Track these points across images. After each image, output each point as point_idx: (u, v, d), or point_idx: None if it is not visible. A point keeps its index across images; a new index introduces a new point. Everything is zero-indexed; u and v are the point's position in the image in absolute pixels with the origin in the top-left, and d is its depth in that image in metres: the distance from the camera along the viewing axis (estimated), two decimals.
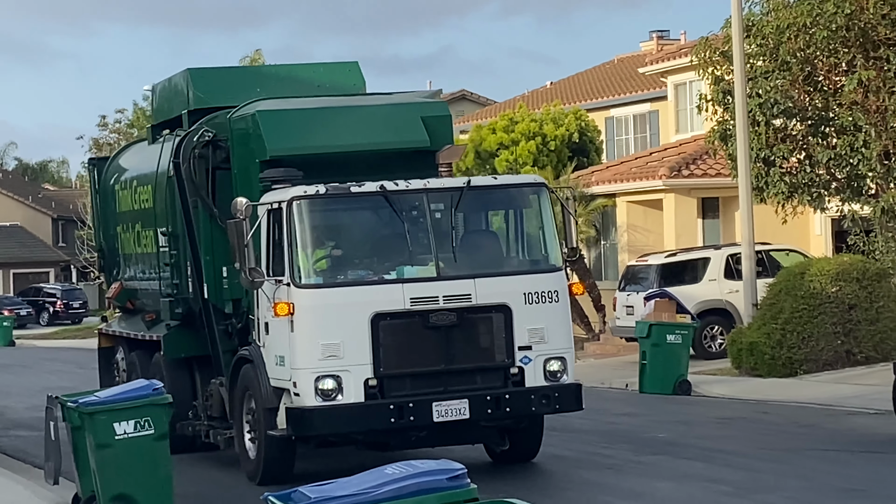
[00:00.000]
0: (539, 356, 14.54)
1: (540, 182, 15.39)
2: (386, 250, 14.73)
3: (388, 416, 14.05)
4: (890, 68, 26.25)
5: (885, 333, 25.28)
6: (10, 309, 62.50)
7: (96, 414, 12.70)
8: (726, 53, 27.51)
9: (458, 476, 7.13)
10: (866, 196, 27.28)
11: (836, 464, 15.25)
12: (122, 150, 21.24)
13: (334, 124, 15.77)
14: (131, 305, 19.66)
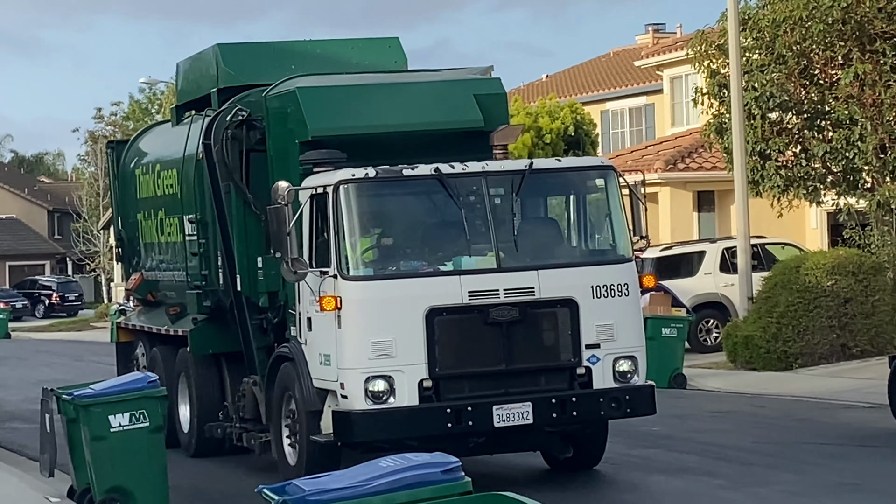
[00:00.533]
0: (608, 355, 13.27)
1: (608, 165, 14.08)
2: (441, 239, 13.48)
3: (445, 421, 12.77)
4: (886, 62, 26.15)
5: (881, 327, 25.18)
6: (6, 301, 62.45)
7: (91, 406, 12.63)
8: (722, 47, 27.19)
9: (452, 469, 7.09)
10: (862, 190, 27.12)
11: (830, 458, 15.06)
12: (142, 133, 19.78)
13: (380, 103, 14.49)
14: (152, 298, 18.35)
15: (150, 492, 12.79)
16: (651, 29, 49.81)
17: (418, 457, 7.35)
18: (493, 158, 13.91)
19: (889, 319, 25.32)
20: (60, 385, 13.97)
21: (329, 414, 13.14)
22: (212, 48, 16.40)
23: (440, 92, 14.64)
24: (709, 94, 28.34)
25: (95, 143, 70.02)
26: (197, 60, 17.07)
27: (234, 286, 15.08)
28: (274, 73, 15.30)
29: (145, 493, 12.76)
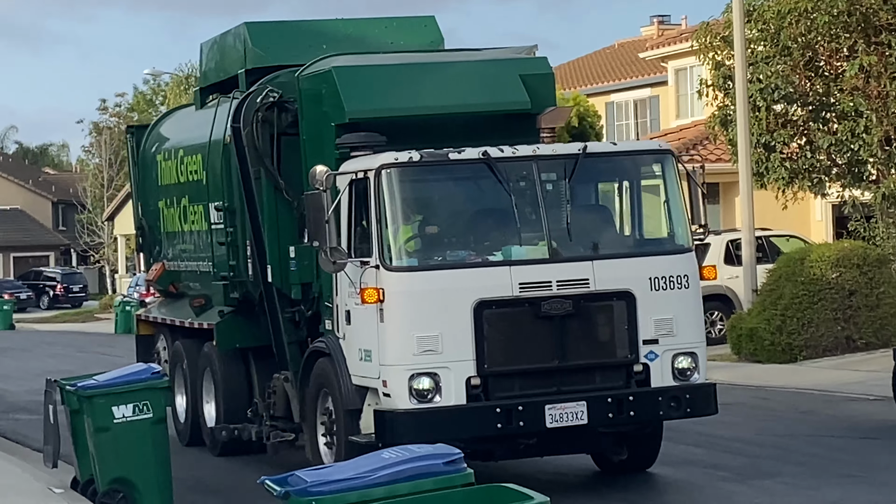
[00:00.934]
0: (667, 351, 12.36)
1: (666, 149, 13.14)
2: (489, 227, 12.53)
3: (495, 422, 11.85)
4: (891, 54, 25.94)
5: (886, 319, 25.00)
6: (11, 293, 62.36)
7: (95, 398, 12.51)
8: (727, 38, 26.78)
9: (455, 460, 7.08)
10: (867, 182, 26.90)
11: (834, 450, 14.89)
12: (164, 117, 18.79)
13: (421, 83, 13.54)
14: (174, 289, 17.39)
15: (154, 483, 12.65)
16: (656, 20, 49.64)
17: (420, 448, 7.34)
18: (539, 142, 13.06)
19: (894, 312, 25.19)
20: (64, 376, 13.88)
21: (369, 413, 12.30)
22: (239, 27, 15.52)
23: (484, 72, 13.74)
24: (713, 85, 28.15)
25: (100, 134, 69.99)
26: (222, 41, 16.10)
27: (263, 277, 14.26)
28: (305, 54, 14.46)
29: (149, 484, 12.62)
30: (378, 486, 6.86)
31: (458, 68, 13.80)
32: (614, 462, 13.53)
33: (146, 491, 12.66)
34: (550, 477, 13.92)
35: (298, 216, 13.70)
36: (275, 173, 13.99)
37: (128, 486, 12.62)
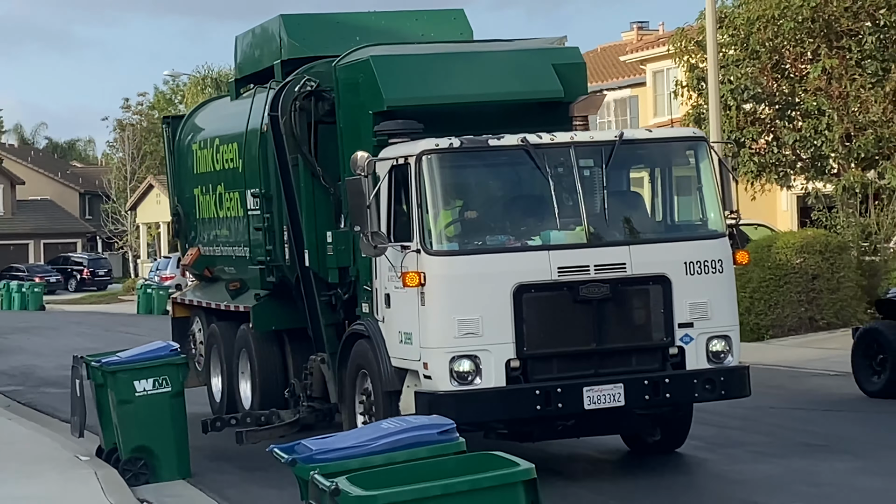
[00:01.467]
0: (701, 334, 11.62)
1: (700, 136, 12.34)
2: (528, 212, 11.80)
3: (534, 403, 11.13)
4: (852, 57, 26.12)
5: (846, 301, 24.96)
6: (41, 276, 62.20)
7: (118, 373, 12.57)
8: (700, 43, 26.69)
9: (448, 430, 6.97)
10: (829, 175, 27.01)
11: (799, 421, 14.71)
12: (198, 108, 17.91)
13: (457, 72, 12.80)
14: (209, 273, 16.62)
15: (172, 450, 12.68)
16: (636, 26, 49.37)
17: (417, 419, 7.27)
18: (572, 129, 12.31)
19: (853, 294, 25.10)
20: (90, 353, 13.84)
21: (409, 394, 11.56)
22: (274, 20, 14.75)
23: (518, 61, 12.95)
24: (688, 86, 28.10)
25: (123, 130, 69.72)
26: (258, 33, 15.33)
27: (300, 262, 13.51)
28: (339, 45, 13.74)
29: (168, 452, 12.66)
30: (377, 454, 6.78)
31: (492, 58, 13.07)
32: (648, 443, 12.87)
33: (165, 458, 12.67)
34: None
35: (335, 202, 13.13)
36: (312, 160, 13.32)
37: (148, 454, 12.64)
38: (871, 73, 26.02)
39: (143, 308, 45.02)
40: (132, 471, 12.55)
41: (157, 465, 12.66)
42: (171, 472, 12.69)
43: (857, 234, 26.32)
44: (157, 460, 12.65)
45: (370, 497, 6.00)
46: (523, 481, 6.19)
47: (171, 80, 73.67)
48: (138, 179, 65.99)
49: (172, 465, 12.71)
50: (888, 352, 16.58)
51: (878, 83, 26.06)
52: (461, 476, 6.21)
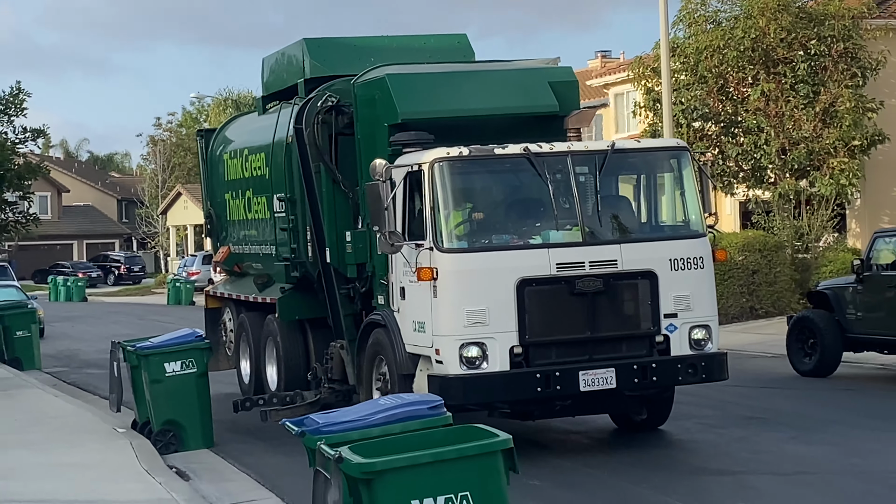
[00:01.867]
0: (684, 324, 11.30)
1: (683, 146, 12.00)
2: (529, 214, 11.48)
3: (535, 386, 10.83)
4: (786, 81, 26.08)
5: (781, 293, 24.99)
6: (84, 272, 61.62)
7: (151, 356, 12.51)
8: (656, 69, 26.56)
9: (437, 406, 6.96)
10: (767, 184, 26.88)
11: (741, 397, 14.46)
12: (228, 123, 17.49)
13: (464, 88, 12.53)
14: (238, 269, 16.25)
15: (198, 424, 12.60)
16: (600, 55, 48.89)
17: (409, 396, 7.30)
18: (567, 140, 11.97)
19: (787, 287, 25.10)
20: (126, 339, 13.77)
21: (422, 377, 11.22)
22: (298, 43, 14.37)
23: (518, 79, 12.64)
24: (645, 107, 27.93)
25: (155, 145, 69.20)
26: (282, 55, 14.95)
27: (322, 258, 13.13)
28: (356, 65, 13.40)
29: (194, 425, 12.58)
30: (375, 427, 6.79)
31: (495, 76, 12.74)
32: (635, 421, 12.46)
33: (191, 430, 12.60)
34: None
35: (353, 205, 12.69)
36: (333, 168, 12.90)
37: (177, 427, 12.56)
38: (804, 96, 25.99)
39: (172, 300, 44.79)
40: (163, 441, 12.44)
41: (184, 436, 12.55)
42: (196, 442, 12.58)
43: (791, 235, 26.25)
44: (184, 432, 12.56)
45: (369, 464, 5.99)
46: (502, 450, 6.17)
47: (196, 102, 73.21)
48: (168, 188, 65.52)
49: (198, 436, 12.60)
50: (818, 336, 16.59)
51: (809, 104, 26.03)
52: (448, 445, 6.21)
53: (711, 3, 27.17)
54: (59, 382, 19.32)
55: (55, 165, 77.38)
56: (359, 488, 5.99)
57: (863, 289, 16.24)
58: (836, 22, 25.93)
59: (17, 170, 53.60)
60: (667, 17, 22.91)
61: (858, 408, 13.90)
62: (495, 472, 6.13)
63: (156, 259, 70.37)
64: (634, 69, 28.23)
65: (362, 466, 5.96)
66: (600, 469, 10.87)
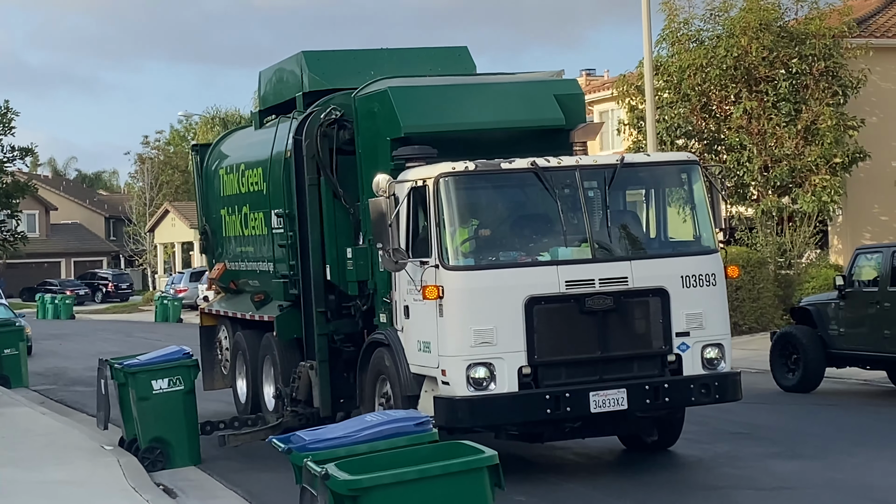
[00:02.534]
0: (697, 343, 10.76)
1: (694, 160, 11.42)
2: (537, 230, 10.91)
3: (544, 407, 10.27)
4: (768, 100, 26.03)
5: (764, 309, 24.83)
6: (71, 289, 61.11)
7: (138, 373, 12.31)
8: (640, 87, 26.43)
9: (423, 423, 6.91)
10: (750, 200, 26.80)
11: (724, 412, 13.62)
12: (224, 137, 16.83)
13: (467, 101, 11.97)
14: (234, 286, 15.60)
15: (185, 441, 12.35)
16: (584, 73, 48.74)
17: (396, 413, 7.19)
18: (573, 154, 11.42)
19: (770, 303, 24.93)
20: (113, 356, 13.49)
21: (427, 398, 10.63)
22: (297, 56, 13.80)
23: (523, 92, 12.07)
24: (629, 125, 27.79)
25: (143, 163, 68.78)
26: (280, 68, 14.37)
27: (304, 274, 12.61)
28: (355, 78, 12.87)
29: (181, 442, 12.33)
30: (362, 443, 6.71)
31: (498, 89, 12.14)
32: (647, 442, 11.89)
33: (178, 447, 12.35)
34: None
35: (355, 221, 12.13)
36: (334, 182, 12.34)
37: (164, 444, 12.32)
38: (785, 114, 25.97)
39: (159, 317, 44.44)
40: (150, 458, 12.16)
41: (171, 453, 12.30)
42: (183, 459, 12.30)
43: (774, 251, 26.16)
44: (171, 449, 12.31)
45: (355, 480, 5.91)
46: (488, 466, 6.08)
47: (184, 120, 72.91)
48: (156, 205, 65.12)
49: (185, 453, 12.34)
50: (801, 352, 16.42)
51: (791, 122, 26.01)
52: (434, 462, 6.14)
53: (694, 23, 27.14)
54: (47, 400, 18.95)
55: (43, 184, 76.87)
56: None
57: (845, 305, 16.13)
58: (817, 41, 25.93)
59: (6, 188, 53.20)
60: (650, 36, 22.81)
61: (841, 423, 13.73)
62: (481, 489, 6.04)
63: (143, 276, 69.91)
64: (618, 87, 28.16)
65: (349, 483, 5.88)
66: (584, 484, 10.53)
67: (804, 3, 27.01)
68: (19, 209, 55.09)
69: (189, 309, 45.25)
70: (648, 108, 23.66)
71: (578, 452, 12.19)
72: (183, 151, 66.81)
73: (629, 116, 27.72)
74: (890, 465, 11.11)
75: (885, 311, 15.55)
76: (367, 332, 11.97)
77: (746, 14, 25.95)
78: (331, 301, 12.67)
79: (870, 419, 14.05)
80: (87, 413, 16.43)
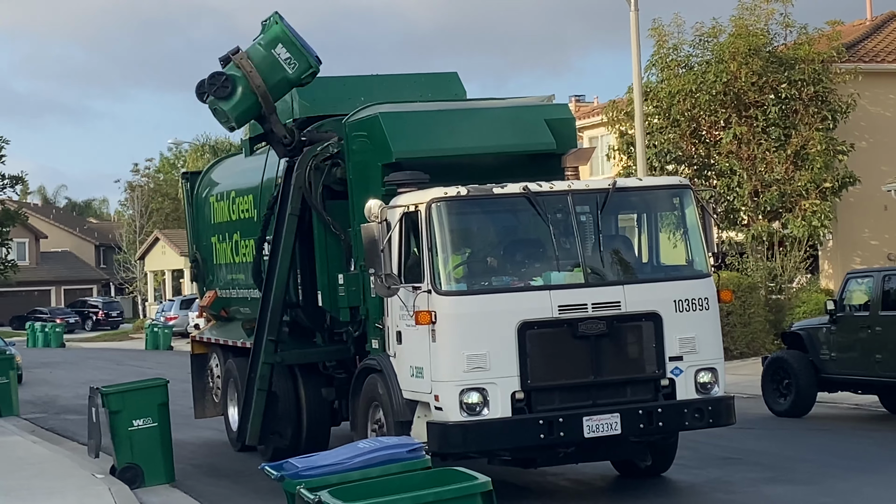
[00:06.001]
0: (690, 367, 10.67)
1: (686, 184, 11.41)
2: (530, 255, 10.85)
3: (538, 432, 10.18)
4: (758, 125, 26.08)
5: (755, 334, 24.79)
6: (61, 318, 60.83)
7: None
8: (629, 113, 26.51)
9: (416, 449, 6.95)
10: (740, 225, 26.83)
11: (716, 437, 13.67)
12: (214, 165, 16.76)
13: (458, 127, 11.93)
14: (225, 313, 15.56)
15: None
16: (574, 99, 48.77)
17: (388, 439, 7.16)
18: (565, 179, 11.39)
19: (762, 328, 24.88)
20: (104, 384, 13.40)
21: (420, 424, 10.57)
22: None
23: (514, 116, 12.04)
24: (619, 150, 27.83)
25: (133, 191, 68.75)
26: None
27: (267, 293, 12.63)
28: (346, 104, 12.85)
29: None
30: (355, 470, 6.71)
31: (490, 114, 12.12)
32: (640, 468, 11.82)
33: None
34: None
35: (346, 247, 12.10)
36: (320, 209, 12.38)
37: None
38: (775, 139, 26.05)
39: (150, 344, 44.27)
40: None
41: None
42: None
43: (764, 276, 26.19)
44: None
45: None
46: (481, 493, 6.04)
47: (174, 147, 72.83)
48: (146, 233, 65.00)
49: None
50: (792, 377, 16.37)
51: (781, 147, 26.08)
52: (427, 489, 6.08)
53: (684, 48, 27.23)
54: (38, 428, 18.83)
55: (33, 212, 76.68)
56: None
57: (836, 329, 16.14)
58: (806, 66, 26.05)
59: None
60: (639, 62, 22.91)
61: (833, 448, 13.72)
62: None
63: (133, 304, 69.67)
64: (608, 113, 28.25)
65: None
66: None
67: (793, 29, 27.14)
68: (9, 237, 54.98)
69: (179, 336, 45.09)
70: (638, 134, 23.76)
71: (572, 478, 12.14)
72: (173, 179, 66.75)
73: (619, 142, 27.80)
74: (882, 490, 11.05)
75: (876, 335, 15.55)
76: (360, 358, 11.94)
77: (735, 39, 26.08)
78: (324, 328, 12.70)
79: (862, 444, 14.01)
80: (78, 441, 16.35)
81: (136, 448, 12.45)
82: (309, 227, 12.61)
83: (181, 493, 12.26)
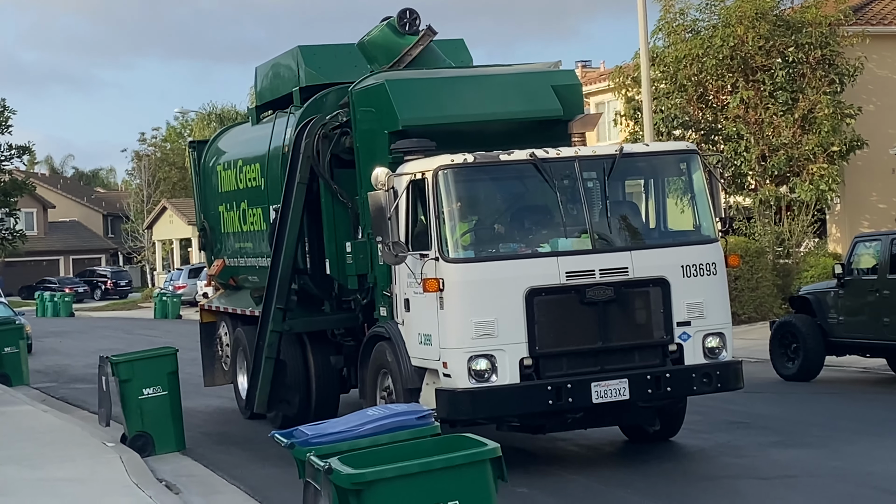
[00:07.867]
0: (698, 332, 10.65)
1: (693, 149, 11.29)
2: (537, 222, 10.78)
3: (546, 398, 10.16)
4: (765, 89, 25.93)
5: (763, 299, 24.80)
6: (70, 287, 61.13)
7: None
8: (636, 78, 26.43)
9: (425, 416, 6.90)
10: (747, 190, 26.72)
11: (725, 402, 13.63)
12: (221, 133, 16.67)
13: (465, 94, 11.82)
14: (233, 282, 15.53)
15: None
16: (580, 65, 48.48)
17: (398, 406, 7.21)
18: (572, 145, 11.27)
19: (769, 292, 24.88)
20: (114, 353, 13.44)
21: (428, 391, 10.53)
22: (293, 50, 13.65)
23: (521, 83, 11.92)
24: (626, 116, 27.73)
25: (140, 160, 68.79)
26: (277, 64, 14.21)
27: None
28: (352, 72, 12.77)
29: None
30: (365, 437, 6.73)
31: (496, 80, 11.99)
32: (649, 433, 11.83)
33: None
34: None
35: (353, 216, 12.08)
36: (327, 178, 12.35)
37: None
38: (782, 103, 25.89)
39: (158, 313, 44.44)
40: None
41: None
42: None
43: (772, 240, 26.12)
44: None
45: (359, 474, 5.88)
46: (490, 459, 6.06)
47: (180, 116, 72.79)
48: (153, 202, 65.06)
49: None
50: (800, 341, 16.37)
51: (788, 111, 25.94)
52: (437, 455, 6.10)
53: (690, 13, 27.07)
54: (48, 398, 18.91)
55: (40, 182, 76.78)
56: (349, 499, 5.88)
57: (844, 293, 16.12)
58: (813, 29, 25.87)
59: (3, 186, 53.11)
60: (646, 27, 22.75)
61: (841, 411, 13.73)
62: (484, 481, 6.03)
63: (142, 273, 69.86)
64: (615, 78, 28.11)
65: (352, 477, 5.86)
66: (586, 475, 10.49)
67: None
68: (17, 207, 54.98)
69: (188, 305, 45.22)
70: (645, 99, 23.64)
71: (580, 444, 12.16)
72: (180, 148, 66.68)
73: (626, 108, 27.69)
74: (891, 452, 11.07)
75: (884, 298, 15.54)
76: (368, 326, 11.93)
77: (742, 3, 25.90)
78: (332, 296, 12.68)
79: (870, 407, 14.03)
80: (89, 410, 16.37)
81: (146, 416, 12.52)
82: (317, 196, 12.58)
83: (191, 460, 12.32)
